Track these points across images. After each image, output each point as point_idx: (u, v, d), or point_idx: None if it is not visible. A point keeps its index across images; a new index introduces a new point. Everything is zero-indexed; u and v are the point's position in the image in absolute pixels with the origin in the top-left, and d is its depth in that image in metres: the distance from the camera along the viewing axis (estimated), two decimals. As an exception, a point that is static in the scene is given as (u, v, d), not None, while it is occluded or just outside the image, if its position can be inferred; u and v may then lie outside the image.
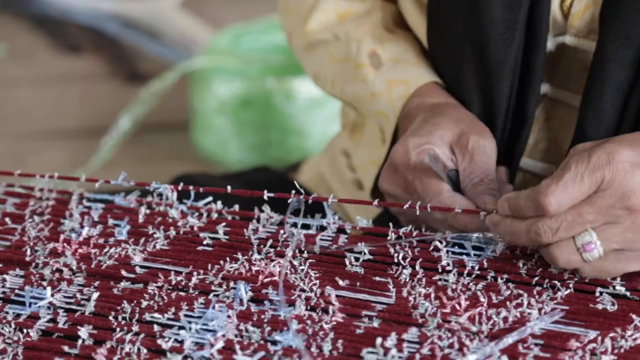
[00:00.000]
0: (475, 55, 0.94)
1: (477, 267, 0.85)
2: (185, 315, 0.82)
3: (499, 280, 0.84)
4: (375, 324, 0.81)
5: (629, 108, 0.89)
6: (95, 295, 0.84)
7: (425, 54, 1.01)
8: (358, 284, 0.85)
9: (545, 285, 0.84)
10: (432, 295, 0.83)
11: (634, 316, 0.80)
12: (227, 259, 0.88)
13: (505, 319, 0.80)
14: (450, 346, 0.78)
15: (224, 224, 0.92)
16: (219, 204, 0.93)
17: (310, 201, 0.90)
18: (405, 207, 0.88)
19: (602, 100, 0.89)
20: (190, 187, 0.92)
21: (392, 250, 0.88)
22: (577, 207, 0.80)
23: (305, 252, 0.88)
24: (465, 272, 0.85)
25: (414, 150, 0.90)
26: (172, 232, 0.92)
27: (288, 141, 2.02)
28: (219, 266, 0.87)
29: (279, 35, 2.05)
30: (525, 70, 0.93)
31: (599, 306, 0.81)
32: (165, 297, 0.84)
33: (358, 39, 1.01)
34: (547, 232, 0.81)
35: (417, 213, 0.88)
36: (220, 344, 0.79)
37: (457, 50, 0.95)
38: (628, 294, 0.82)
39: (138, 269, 0.87)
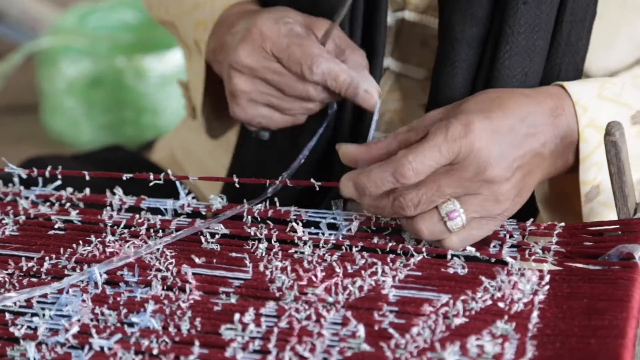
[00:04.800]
0: None
1: (332, 237, 0.86)
2: (38, 302, 0.81)
3: (354, 250, 0.86)
4: (233, 300, 0.81)
5: (477, 84, 0.92)
6: (-58, 287, 0.81)
7: None
8: (214, 260, 0.85)
9: (398, 252, 0.85)
10: (289, 268, 0.83)
11: (483, 278, 0.82)
12: (80, 242, 0.87)
13: (360, 288, 0.81)
14: (308, 318, 0.79)
15: (77, 211, 0.90)
16: (69, 190, 0.92)
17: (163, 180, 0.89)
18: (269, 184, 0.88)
19: (453, 80, 0.91)
20: (45, 171, 0.90)
21: (247, 225, 0.88)
22: (437, 180, 0.82)
23: (161, 231, 0.88)
24: (321, 242, 0.86)
25: (280, 20, 0.90)
26: (22, 217, 0.90)
27: (142, 120, 1.99)
28: (71, 250, 0.86)
29: (128, 12, 2.01)
30: (367, 45, 0.94)
31: (450, 270, 0.83)
32: (16, 284, 0.82)
33: None
34: (409, 205, 0.82)
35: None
36: (75, 329, 0.78)
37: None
38: (478, 254, 0.85)
39: (-13, 257, 0.85)
